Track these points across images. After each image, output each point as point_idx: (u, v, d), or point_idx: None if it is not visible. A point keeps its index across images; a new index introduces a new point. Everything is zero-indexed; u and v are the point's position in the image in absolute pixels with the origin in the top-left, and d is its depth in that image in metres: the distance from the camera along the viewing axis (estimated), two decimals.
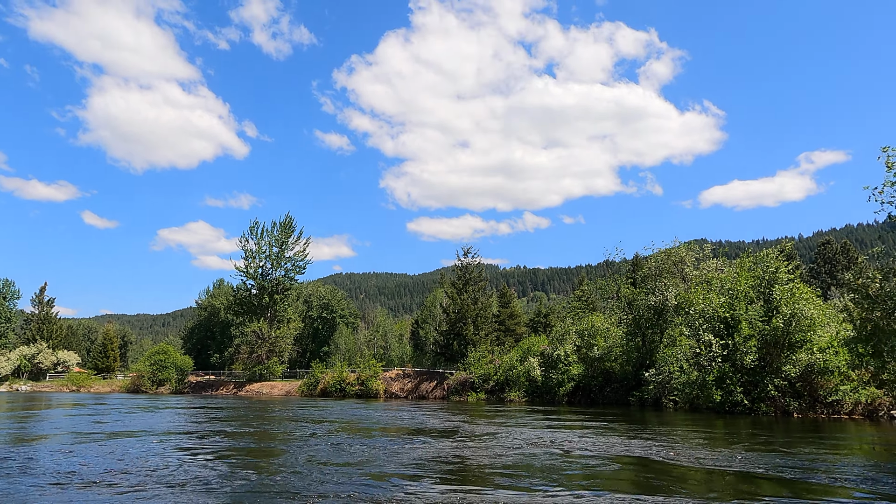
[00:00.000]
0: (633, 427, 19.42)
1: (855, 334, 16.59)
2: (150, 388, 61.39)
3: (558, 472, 10.50)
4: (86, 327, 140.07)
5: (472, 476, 10.12)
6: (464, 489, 8.94)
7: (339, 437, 16.63)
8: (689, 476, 10.20)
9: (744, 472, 10.35)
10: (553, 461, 11.89)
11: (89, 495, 8.31)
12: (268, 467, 11.10)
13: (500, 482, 9.57)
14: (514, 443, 15.22)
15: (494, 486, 9.24)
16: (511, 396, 37.89)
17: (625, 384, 32.54)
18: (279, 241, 65.42)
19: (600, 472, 10.63)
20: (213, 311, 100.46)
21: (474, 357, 44.09)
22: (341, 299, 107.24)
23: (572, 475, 10.18)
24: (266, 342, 59.93)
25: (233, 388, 59.11)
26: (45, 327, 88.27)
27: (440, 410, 28.40)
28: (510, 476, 10.20)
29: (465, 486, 9.16)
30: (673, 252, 32.21)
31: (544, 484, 9.42)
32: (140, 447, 13.90)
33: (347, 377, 50.08)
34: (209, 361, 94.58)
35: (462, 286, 50.68)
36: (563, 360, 35.43)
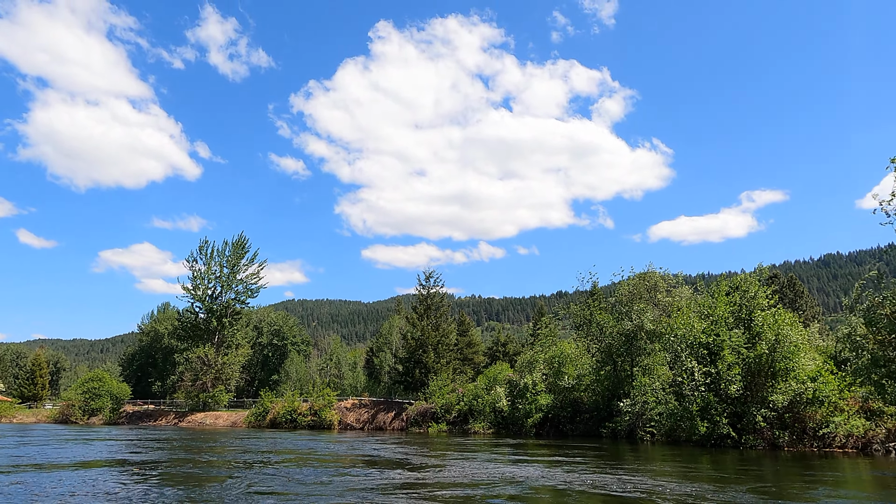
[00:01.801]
0: (610, 461, 17.92)
1: (863, 361, 15.70)
2: (80, 418, 56.29)
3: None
4: (14, 352, 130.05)
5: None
6: None
7: (288, 470, 15.03)
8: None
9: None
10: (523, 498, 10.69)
11: None
12: (207, 498, 10.05)
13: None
14: (480, 477, 13.83)
15: None
16: (475, 427, 35.92)
17: (596, 415, 31.16)
18: (231, 262, 62.03)
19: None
20: (156, 336, 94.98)
21: (436, 385, 42.02)
22: (293, 326, 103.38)
23: None
24: (212, 369, 56.10)
25: (174, 419, 54.79)
26: None
27: (400, 443, 26.26)
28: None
29: None
30: (647, 276, 31.43)
31: None
32: (58, 480, 12.73)
33: (299, 407, 46.99)
34: (150, 390, 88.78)
35: (423, 311, 48.76)
36: (532, 389, 33.86)
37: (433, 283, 49.67)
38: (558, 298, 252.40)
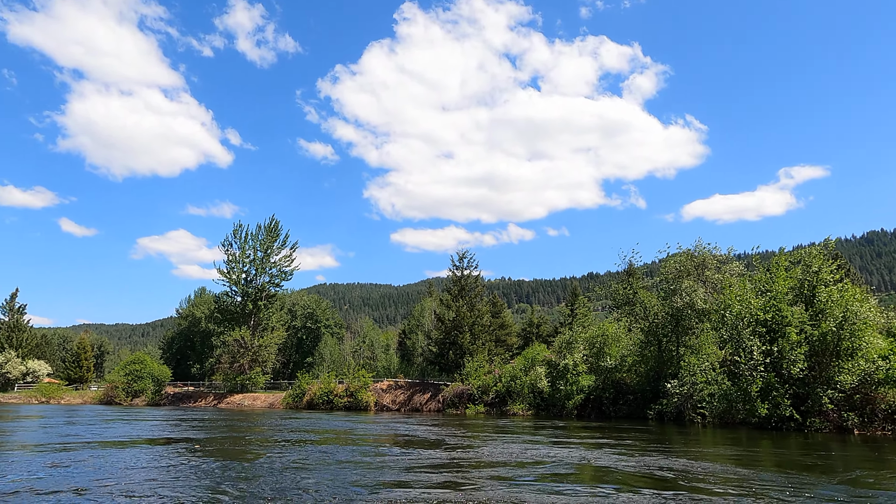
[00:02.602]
0: (659, 443, 16.99)
1: None
2: (124, 399, 57.75)
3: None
4: (61, 336, 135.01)
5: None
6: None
7: (327, 447, 15.14)
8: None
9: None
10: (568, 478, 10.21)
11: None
12: (252, 474, 10.64)
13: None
14: (522, 457, 13.34)
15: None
16: (514, 409, 35.28)
17: (640, 396, 30.16)
18: (264, 245, 62.43)
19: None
20: (193, 320, 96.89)
21: (472, 367, 41.46)
22: (326, 309, 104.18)
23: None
24: (249, 351, 56.72)
25: (213, 400, 55.71)
26: (15, 335, 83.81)
27: (438, 424, 25.75)
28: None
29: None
30: (697, 252, 30.00)
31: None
32: (110, 457, 13.09)
33: (335, 388, 47.09)
34: (189, 372, 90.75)
35: (457, 292, 48.11)
36: (572, 370, 32.97)
37: (466, 264, 48.96)
38: (589, 280, 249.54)
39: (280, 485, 9.40)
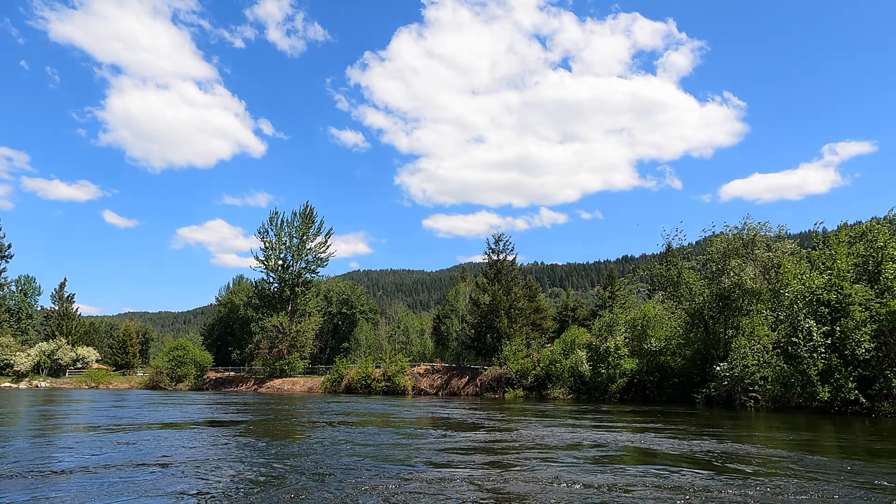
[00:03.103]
0: (709, 428, 16.14)
1: None
2: (168, 384, 59.35)
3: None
4: (108, 324, 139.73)
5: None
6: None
7: (367, 429, 15.45)
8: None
9: None
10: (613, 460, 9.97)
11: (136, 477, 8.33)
12: (298, 452, 11.14)
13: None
14: (565, 440, 13.02)
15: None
16: (554, 393, 34.71)
17: (685, 380, 29.22)
18: (300, 232, 62.94)
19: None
20: (232, 307, 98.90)
21: (509, 350, 40.99)
22: (361, 295, 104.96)
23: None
24: (287, 336, 57.48)
25: (253, 385, 56.77)
26: (65, 323, 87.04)
27: (477, 408, 25.37)
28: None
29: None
30: (745, 230, 28.67)
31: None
32: (173, 437, 13.84)
33: (373, 373, 47.32)
34: (229, 358, 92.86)
35: (493, 276, 47.54)
36: (614, 353, 32.15)
37: (503, 247, 48.28)
38: (624, 263, 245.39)
39: (326, 463, 9.66)
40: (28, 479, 8.14)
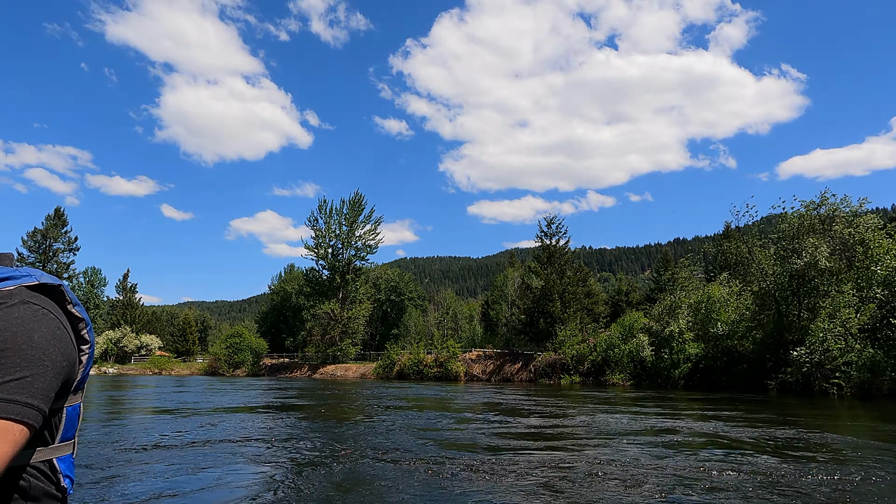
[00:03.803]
0: (787, 415, 14.91)
1: None
2: (226, 370, 61.11)
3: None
4: (168, 313, 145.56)
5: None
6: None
7: (424, 413, 15.54)
8: None
9: None
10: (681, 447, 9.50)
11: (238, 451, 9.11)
12: (361, 432, 11.56)
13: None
14: (627, 427, 12.36)
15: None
16: (613, 379, 33.58)
17: (757, 365, 27.58)
18: (349, 219, 63.31)
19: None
20: (285, 295, 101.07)
21: (564, 336, 39.96)
22: (409, 282, 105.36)
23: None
24: (339, 323, 58.11)
25: (307, 371, 57.75)
26: (129, 312, 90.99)
27: (533, 394, 24.62)
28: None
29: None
30: (823, 205, 26.64)
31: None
32: (249, 419, 14.33)
33: (425, 359, 47.22)
34: (283, 344, 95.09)
35: (546, 259, 46.45)
36: (678, 337, 30.73)
37: (555, 230, 47.06)
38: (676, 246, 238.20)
39: (395, 445, 9.84)
40: (133, 454, 8.79)
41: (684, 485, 6.77)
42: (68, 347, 1.17)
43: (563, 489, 6.60)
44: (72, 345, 1.20)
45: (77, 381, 1.23)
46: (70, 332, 1.21)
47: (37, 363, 1.07)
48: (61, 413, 1.21)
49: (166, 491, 6.51)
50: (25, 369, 1.05)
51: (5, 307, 1.11)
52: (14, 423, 1.00)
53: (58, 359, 1.12)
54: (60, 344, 1.14)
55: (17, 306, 1.12)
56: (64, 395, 1.19)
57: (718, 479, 7.03)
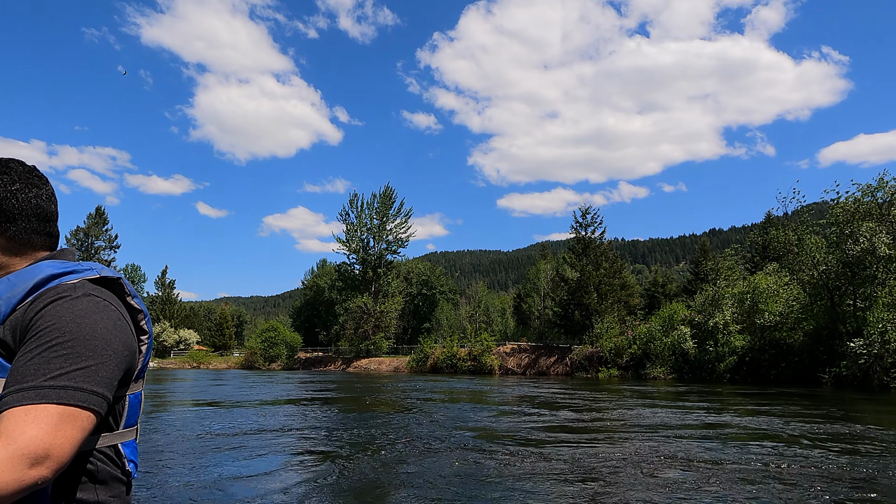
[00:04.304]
0: (845, 411, 13.99)
1: None
2: (262, 364, 61.88)
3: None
4: (206, 308, 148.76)
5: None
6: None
7: (462, 406, 15.31)
8: None
9: None
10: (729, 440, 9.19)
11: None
12: (400, 424, 11.59)
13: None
14: (670, 421, 11.69)
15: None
16: (654, 373, 32.57)
17: (809, 358, 26.30)
18: (380, 213, 63.26)
19: None
20: (317, 290, 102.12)
21: (602, 328, 39.03)
22: (440, 275, 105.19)
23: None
24: (371, 317, 58.20)
25: (341, 364, 58.06)
26: (168, 307, 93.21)
27: (571, 388, 23.89)
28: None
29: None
30: (881, 189, 25.10)
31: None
32: (294, 411, 14.59)
33: (458, 352, 46.84)
34: (317, 339, 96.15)
35: (581, 250, 45.47)
36: (722, 329, 29.57)
37: (590, 220, 46.01)
38: (712, 236, 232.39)
39: (430, 434, 9.99)
40: (187, 443, 9.06)
41: (744, 480, 6.40)
42: (129, 337, 1.22)
43: (614, 482, 6.39)
44: (132, 335, 1.24)
45: (138, 370, 1.29)
46: (130, 323, 1.25)
47: (101, 353, 1.12)
48: (124, 400, 1.26)
49: (221, 476, 6.71)
50: (90, 359, 1.10)
51: (70, 299, 1.15)
52: (82, 410, 1.05)
53: (119, 349, 1.17)
54: (122, 334, 1.19)
55: (80, 299, 1.16)
56: (126, 384, 1.24)
57: (780, 475, 6.62)
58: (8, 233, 1.26)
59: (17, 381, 1.05)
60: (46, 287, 1.18)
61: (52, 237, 1.35)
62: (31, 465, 0.97)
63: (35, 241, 1.30)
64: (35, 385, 1.04)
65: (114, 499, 1.23)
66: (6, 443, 0.98)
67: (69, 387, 1.05)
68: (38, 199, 1.31)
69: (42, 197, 1.32)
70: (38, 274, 1.20)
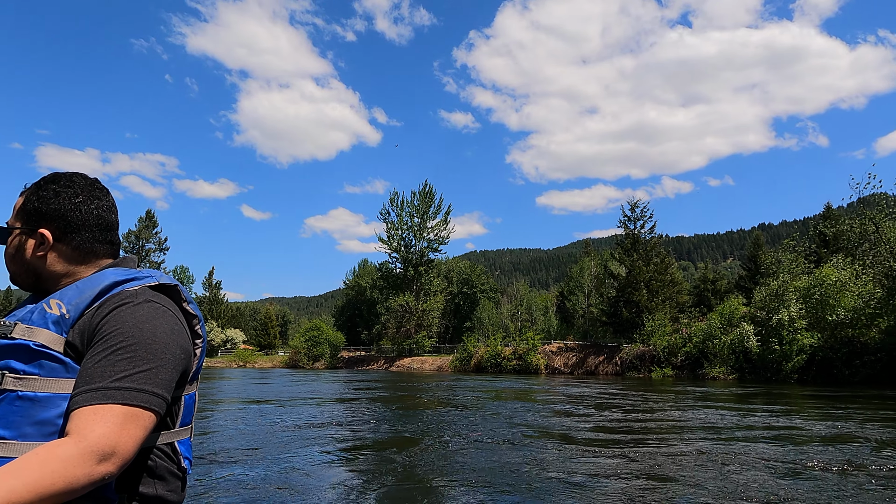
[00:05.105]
0: None
1: None
2: (306, 363, 62.33)
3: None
4: (251, 308, 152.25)
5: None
6: None
7: (513, 404, 14.64)
8: None
9: None
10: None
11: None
12: (457, 419, 11.58)
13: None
14: (733, 423, 10.98)
15: None
16: (713, 373, 30.88)
17: (889, 357, 24.31)
18: (420, 211, 62.87)
19: None
20: (359, 290, 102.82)
21: (653, 326, 37.42)
22: (480, 274, 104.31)
23: None
24: (413, 316, 57.83)
25: (384, 363, 57.90)
26: (215, 308, 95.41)
27: (624, 388, 22.60)
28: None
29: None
30: None
31: None
32: (346, 408, 14.66)
33: (503, 351, 45.88)
34: (359, 338, 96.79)
35: (630, 245, 43.88)
36: (788, 326, 27.73)
37: (639, 214, 44.36)
38: (762, 231, 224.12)
39: (487, 430, 9.89)
40: (242, 439, 9.02)
41: (826, 487, 5.82)
42: (185, 341, 1.30)
43: (688, 482, 6.05)
44: (188, 339, 1.32)
45: (192, 372, 1.37)
46: (186, 328, 1.33)
47: (160, 356, 1.20)
48: (180, 401, 1.34)
49: (274, 471, 6.68)
50: (151, 361, 1.18)
51: (132, 305, 1.24)
52: (144, 410, 1.14)
53: (177, 352, 1.25)
54: (179, 338, 1.27)
55: (141, 305, 1.25)
56: (182, 385, 1.32)
57: (862, 481, 5.99)
58: (73, 242, 1.35)
59: (86, 382, 1.13)
60: (111, 294, 1.26)
61: (113, 245, 1.43)
62: (99, 461, 1.04)
63: (98, 249, 1.39)
64: (102, 386, 1.12)
65: (171, 493, 1.30)
66: (77, 440, 1.05)
67: (132, 388, 1.13)
68: (100, 209, 1.39)
69: (103, 208, 1.40)
70: (103, 281, 1.28)
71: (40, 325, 1.21)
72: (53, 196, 1.34)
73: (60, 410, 1.14)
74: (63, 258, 1.35)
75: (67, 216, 1.34)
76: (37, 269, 1.35)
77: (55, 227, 1.33)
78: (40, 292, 1.35)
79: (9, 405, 1.14)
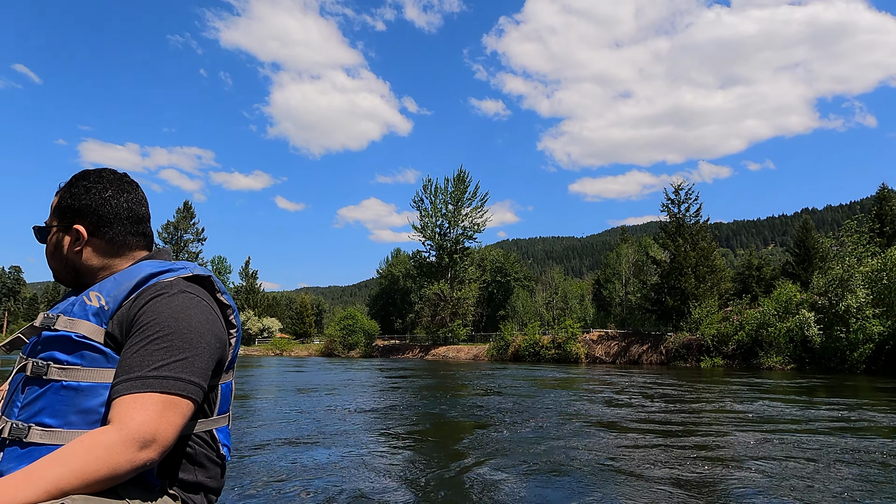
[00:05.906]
0: None
1: None
2: (341, 351, 62.30)
3: None
4: (287, 298, 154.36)
5: None
6: None
7: (558, 393, 13.91)
8: None
9: None
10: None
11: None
12: (506, 408, 11.19)
13: None
14: (798, 416, 10.00)
15: None
16: (768, 362, 29.12)
17: None
18: (454, 197, 61.80)
19: None
20: (392, 279, 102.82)
21: (702, 314, 35.67)
22: (514, 262, 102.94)
23: None
24: (448, 304, 57.04)
25: (419, 352, 57.35)
26: (251, 297, 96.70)
27: (673, 378, 21.11)
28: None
29: None
30: None
31: None
32: (373, 396, 14.45)
33: (541, 340, 44.69)
34: (392, 327, 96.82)
35: (675, 230, 41.99)
36: (856, 313, 25.81)
37: (684, 197, 42.38)
38: (806, 216, 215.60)
39: (540, 417, 9.71)
40: (279, 428, 8.70)
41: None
42: (220, 331, 1.34)
43: (751, 476, 5.53)
44: (222, 328, 1.36)
45: (228, 361, 1.41)
46: (220, 318, 1.37)
47: (195, 345, 1.24)
48: (217, 389, 1.39)
49: (313, 459, 6.50)
50: (187, 351, 1.22)
51: (167, 296, 1.27)
52: (182, 398, 1.18)
53: (212, 341, 1.29)
54: (213, 328, 1.31)
55: (176, 295, 1.29)
56: (218, 374, 1.37)
57: None
58: (106, 236, 1.39)
59: (125, 372, 1.18)
60: (147, 285, 1.30)
61: (146, 237, 1.47)
62: (140, 447, 1.09)
63: (131, 242, 1.43)
64: (141, 375, 1.16)
65: (210, 479, 1.36)
66: (119, 427, 1.10)
67: (170, 377, 1.17)
68: (130, 202, 1.43)
69: (133, 201, 1.43)
70: (139, 273, 1.32)
71: (81, 317, 1.24)
72: (84, 192, 1.38)
73: (103, 399, 1.18)
74: (98, 252, 1.39)
75: (99, 211, 1.37)
76: (75, 264, 1.40)
77: (88, 222, 1.37)
78: (80, 287, 1.39)
79: (54, 394, 1.18)
